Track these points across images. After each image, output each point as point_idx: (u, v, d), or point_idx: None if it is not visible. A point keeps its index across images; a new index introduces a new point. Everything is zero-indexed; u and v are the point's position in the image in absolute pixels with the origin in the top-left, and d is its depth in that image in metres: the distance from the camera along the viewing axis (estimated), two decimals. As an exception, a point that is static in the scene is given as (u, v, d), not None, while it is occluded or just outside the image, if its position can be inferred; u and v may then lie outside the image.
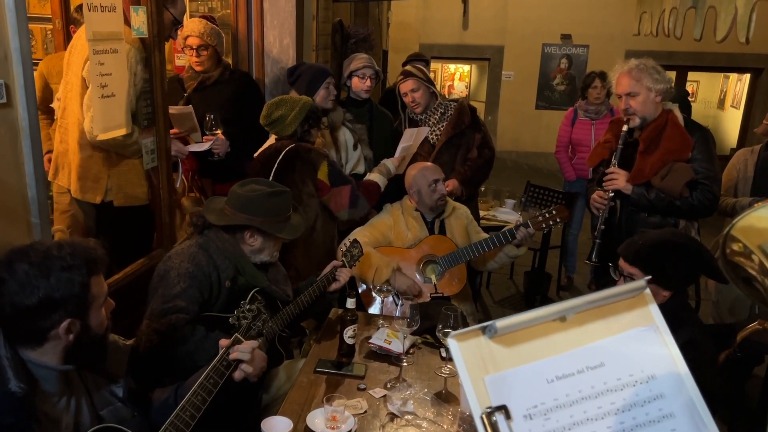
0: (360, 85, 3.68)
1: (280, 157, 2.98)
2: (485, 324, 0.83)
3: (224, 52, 3.54)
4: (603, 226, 2.94)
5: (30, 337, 1.42)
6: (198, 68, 3.45)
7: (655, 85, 2.78)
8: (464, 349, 0.82)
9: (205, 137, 3.25)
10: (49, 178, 2.68)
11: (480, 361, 0.82)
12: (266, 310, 1.96)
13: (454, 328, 2.21)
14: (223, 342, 1.76)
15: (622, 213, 2.97)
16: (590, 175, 3.37)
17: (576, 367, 0.85)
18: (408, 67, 3.76)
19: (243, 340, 1.78)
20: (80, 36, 2.57)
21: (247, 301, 1.97)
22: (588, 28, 9.70)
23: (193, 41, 3.35)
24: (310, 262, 3.01)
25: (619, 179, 2.88)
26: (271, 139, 3.21)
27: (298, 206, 2.53)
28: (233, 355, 1.71)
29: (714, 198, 2.79)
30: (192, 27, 3.34)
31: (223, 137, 3.26)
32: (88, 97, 2.44)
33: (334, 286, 2.52)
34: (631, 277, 2.10)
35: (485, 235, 3.14)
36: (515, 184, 6.23)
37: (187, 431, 1.59)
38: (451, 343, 0.83)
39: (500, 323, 0.82)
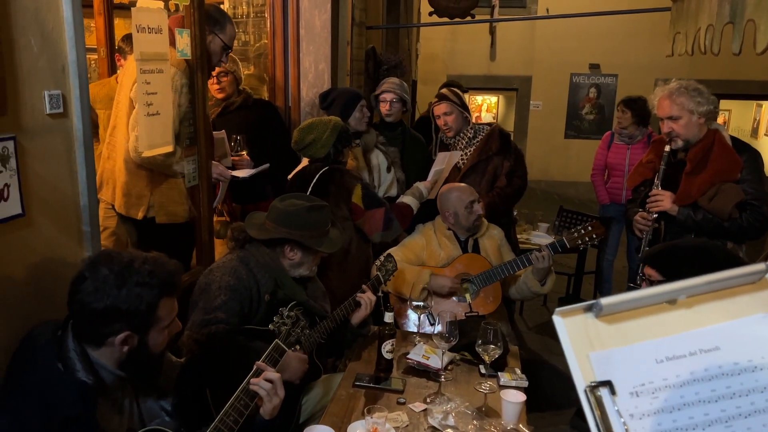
0: (382, 107, 3.74)
1: (314, 180, 3.02)
2: (590, 302, 0.84)
3: (242, 80, 3.63)
4: (647, 248, 2.88)
5: (91, 336, 1.46)
6: (219, 95, 3.53)
7: (697, 108, 2.71)
8: (569, 324, 0.83)
9: (231, 157, 3.31)
10: (99, 195, 2.75)
11: (585, 338, 0.83)
12: (305, 318, 1.97)
13: (494, 344, 2.19)
14: (258, 364, 1.70)
15: (666, 235, 2.90)
16: (628, 195, 3.33)
17: (688, 350, 0.84)
18: (444, 90, 3.79)
19: (284, 347, 1.77)
20: (131, 60, 2.66)
21: (287, 308, 1.98)
22: (616, 57, 9.72)
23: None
24: (345, 285, 3.01)
25: (664, 201, 2.81)
26: (304, 162, 3.25)
27: (335, 220, 2.55)
28: (253, 387, 1.65)
29: (765, 219, 2.69)
30: None
31: (248, 158, 3.32)
32: (133, 118, 2.51)
33: (360, 313, 2.49)
34: (649, 280, 2.04)
35: (514, 256, 3.12)
36: (546, 212, 6.20)
37: None
38: (556, 319, 0.84)
39: (605, 301, 0.82)
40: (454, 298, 3.05)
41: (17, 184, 1.53)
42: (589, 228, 2.99)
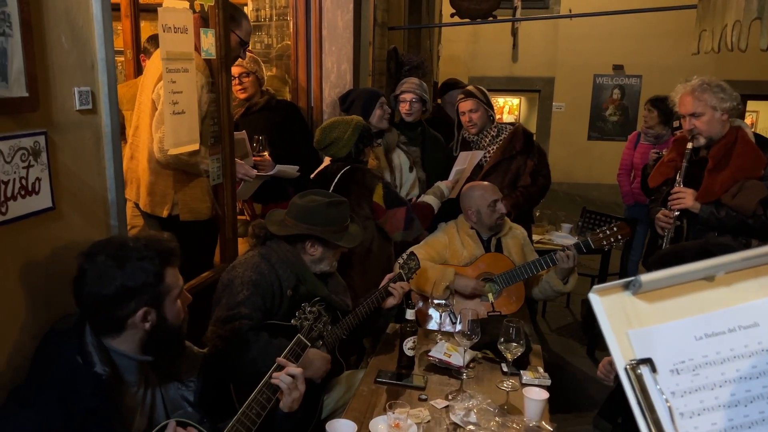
0: (401, 107, 3.74)
1: (336, 179, 3.03)
2: (628, 279, 0.83)
3: (264, 81, 3.66)
4: (669, 246, 2.85)
5: (110, 325, 1.48)
6: (242, 95, 3.57)
7: (720, 104, 2.68)
8: (606, 303, 0.83)
9: (253, 157, 3.33)
10: (128, 195, 2.80)
11: (623, 316, 0.82)
12: (327, 313, 1.98)
13: (516, 342, 2.18)
14: (279, 360, 1.71)
15: (689, 233, 2.87)
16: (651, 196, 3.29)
17: (727, 326, 0.83)
18: (470, 87, 3.78)
19: (306, 342, 1.79)
20: (153, 61, 2.70)
21: (308, 303, 1.99)
22: (641, 57, 9.61)
23: (235, 70, 3.46)
24: (367, 283, 3.02)
25: (686, 198, 2.78)
26: (327, 161, 3.27)
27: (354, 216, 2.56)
28: (274, 381, 1.66)
29: None
30: None
31: (270, 159, 3.34)
32: (156, 119, 2.55)
33: (390, 301, 2.51)
34: None
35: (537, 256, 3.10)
36: (569, 214, 6.15)
37: None
38: (593, 297, 0.83)
39: (645, 278, 0.82)
40: (477, 300, 3.03)
41: (48, 178, 1.56)
42: (615, 228, 2.96)
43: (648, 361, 0.79)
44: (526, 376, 2.28)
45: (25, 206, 1.50)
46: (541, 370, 2.34)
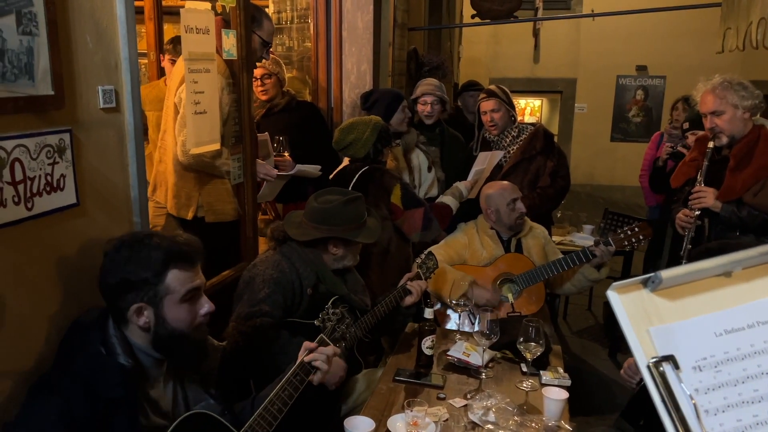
0: (421, 109, 3.73)
1: (354, 180, 3.04)
2: (647, 276, 0.83)
3: (285, 82, 3.68)
4: (690, 246, 2.81)
5: (116, 316, 1.51)
6: (263, 97, 3.59)
7: (742, 102, 2.66)
8: (625, 301, 0.83)
9: (274, 158, 3.36)
10: (151, 195, 2.84)
11: (643, 313, 0.82)
12: (349, 314, 1.99)
13: (536, 341, 2.17)
14: (308, 344, 1.78)
15: (711, 232, 2.83)
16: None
17: (746, 322, 0.83)
18: (492, 86, 3.76)
19: (329, 341, 1.80)
20: (178, 65, 2.74)
21: (331, 305, 2.01)
22: (665, 58, 9.47)
23: (257, 71, 3.49)
24: (385, 284, 3.02)
25: (707, 197, 2.75)
26: (346, 161, 3.28)
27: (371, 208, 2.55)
28: (309, 357, 1.71)
29: None
30: None
31: (290, 159, 3.36)
32: (179, 122, 2.58)
33: (409, 299, 2.51)
34: None
35: (562, 256, 3.07)
36: (591, 215, 6.09)
37: (271, 429, 1.61)
38: (611, 294, 0.83)
39: (665, 274, 0.82)
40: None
41: (72, 174, 1.59)
42: (636, 229, 2.92)
43: (670, 359, 0.79)
44: (546, 376, 2.26)
45: (50, 202, 1.53)
46: (561, 370, 2.32)
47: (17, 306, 1.48)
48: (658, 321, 0.82)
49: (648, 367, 0.79)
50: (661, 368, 0.79)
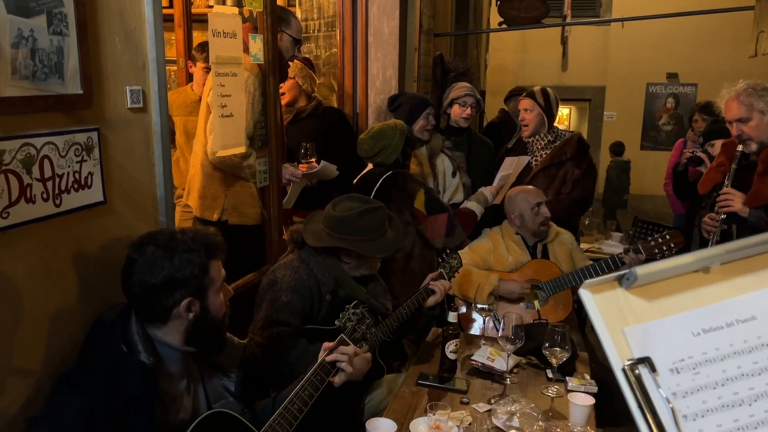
0: (459, 112, 3.69)
1: (377, 185, 3.03)
2: (621, 273, 0.80)
3: (311, 88, 3.65)
4: None
5: (156, 315, 1.51)
6: (282, 101, 3.59)
7: None
8: (599, 300, 0.79)
9: (300, 165, 3.35)
10: (183, 200, 2.87)
11: (617, 312, 0.79)
12: (371, 315, 1.97)
13: (562, 347, 2.13)
14: (327, 344, 1.77)
15: (738, 238, 2.75)
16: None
17: (725, 320, 0.79)
18: (535, 88, 3.70)
19: (349, 342, 1.79)
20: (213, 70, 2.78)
21: (352, 305, 1.99)
22: (696, 65, 9.33)
23: None
24: (408, 291, 2.99)
25: (734, 201, 2.68)
26: (369, 166, 3.27)
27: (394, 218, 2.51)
28: (330, 357, 1.72)
29: None
30: None
31: (317, 165, 3.36)
32: (210, 121, 2.61)
33: (432, 299, 2.47)
34: None
35: (591, 262, 3.02)
36: (620, 223, 5.98)
37: (291, 429, 1.61)
38: (584, 293, 0.79)
39: (639, 270, 0.78)
40: (521, 305, 2.98)
41: (100, 173, 1.62)
42: (667, 237, 2.85)
43: (646, 360, 0.75)
44: (572, 382, 2.22)
45: (77, 199, 1.56)
46: (587, 377, 2.28)
47: (45, 301, 1.50)
48: (634, 321, 0.78)
49: (623, 370, 0.75)
50: (637, 371, 0.74)
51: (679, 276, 0.81)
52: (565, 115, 12.37)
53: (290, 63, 3.20)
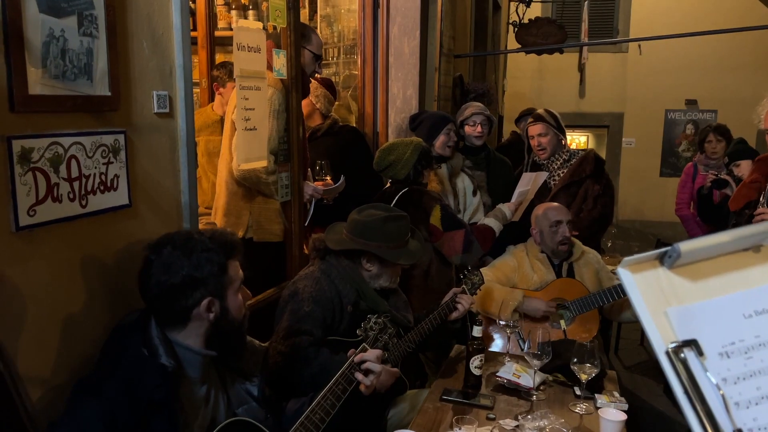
0: (471, 131, 3.70)
1: (393, 202, 3.01)
2: (663, 250, 0.73)
3: (326, 108, 3.65)
4: None
5: (176, 316, 1.49)
6: None
7: None
8: (639, 279, 0.73)
9: (315, 182, 3.35)
10: (210, 218, 2.87)
11: (659, 293, 0.73)
12: (392, 325, 1.93)
13: (590, 362, 2.07)
14: (352, 351, 1.75)
15: None
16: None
17: None
18: (540, 111, 3.73)
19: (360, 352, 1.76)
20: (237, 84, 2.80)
21: (374, 315, 1.95)
22: (715, 92, 9.28)
23: None
24: (426, 307, 2.96)
25: None
26: (388, 184, 3.26)
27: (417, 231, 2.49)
28: (358, 358, 1.71)
29: None
30: None
31: (332, 183, 3.35)
32: (236, 137, 2.62)
33: (455, 314, 2.43)
34: None
35: (618, 282, 2.95)
36: (642, 247, 5.87)
37: None
38: (622, 272, 0.73)
39: (683, 246, 0.72)
40: (546, 324, 2.91)
41: (125, 176, 1.62)
42: None
43: (693, 343, 0.69)
44: (601, 399, 2.15)
45: (103, 201, 1.55)
46: (617, 394, 2.20)
47: (68, 302, 1.49)
48: (677, 302, 0.72)
49: (667, 353, 0.69)
50: (682, 354, 0.69)
51: (726, 255, 0.76)
52: (583, 143, 12.33)
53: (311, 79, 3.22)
